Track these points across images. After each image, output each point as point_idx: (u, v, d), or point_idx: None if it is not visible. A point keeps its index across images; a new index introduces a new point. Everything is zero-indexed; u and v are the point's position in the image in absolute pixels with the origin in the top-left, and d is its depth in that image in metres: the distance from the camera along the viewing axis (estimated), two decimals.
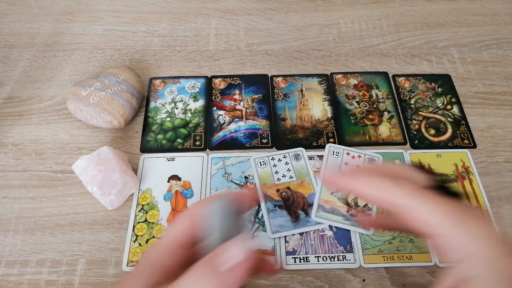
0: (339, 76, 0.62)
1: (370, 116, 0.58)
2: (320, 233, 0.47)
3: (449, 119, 0.57)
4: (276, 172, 0.51)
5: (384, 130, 0.56)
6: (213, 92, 0.60)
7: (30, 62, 0.63)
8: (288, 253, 0.46)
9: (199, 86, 0.61)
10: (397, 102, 0.59)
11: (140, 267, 0.27)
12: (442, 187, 0.28)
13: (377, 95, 0.60)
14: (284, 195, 0.49)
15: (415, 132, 0.56)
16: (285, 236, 0.47)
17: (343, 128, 0.56)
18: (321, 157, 0.53)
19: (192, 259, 0.24)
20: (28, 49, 0.65)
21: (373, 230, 0.47)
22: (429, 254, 0.46)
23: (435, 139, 0.55)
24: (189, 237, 0.27)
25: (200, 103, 0.59)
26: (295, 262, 0.45)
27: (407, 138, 0.55)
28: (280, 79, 0.61)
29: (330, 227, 0.47)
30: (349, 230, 0.47)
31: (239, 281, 0.22)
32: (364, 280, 0.44)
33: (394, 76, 0.62)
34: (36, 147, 0.54)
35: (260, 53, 0.65)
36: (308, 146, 0.54)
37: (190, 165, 0.52)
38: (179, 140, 0.55)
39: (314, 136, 0.55)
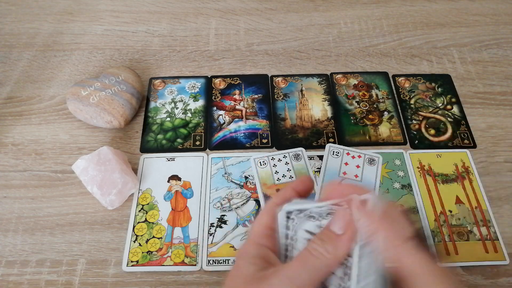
0: (339, 76, 0.62)
1: (370, 116, 0.58)
2: None
3: (449, 119, 0.57)
4: (276, 172, 0.51)
5: (384, 130, 0.56)
6: (213, 92, 0.60)
7: (30, 62, 0.63)
8: None
9: (199, 86, 0.61)
10: (397, 102, 0.59)
11: (246, 248, 0.30)
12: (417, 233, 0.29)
13: (377, 95, 0.60)
14: None
15: (415, 132, 0.56)
16: None
17: (343, 128, 0.56)
18: (321, 157, 0.53)
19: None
20: (28, 49, 0.65)
21: None
22: None
23: (435, 139, 0.55)
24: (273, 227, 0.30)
25: (200, 103, 0.59)
26: None
27: (407, 138, 0.55)
28: (280, 79, 0.61)
29: None
30: None
31: (353, 238, 0.27)
32: None
33: (394, 76, 0.62)
34: (36, 147, 0.54)
35: (260, 53, 0.65)
36: (308, 146, 0.54)
37: (190, 165, 0.52)
38: (179, 140, 0.55)
39: (314, 136, 0.55)
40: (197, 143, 0.55)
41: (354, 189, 0.29)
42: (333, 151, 0.53)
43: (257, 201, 0.49)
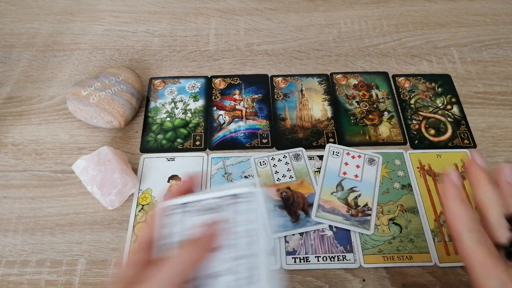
0: (339, 76, 0.62)
1: (370, 116, 0.58)
2: (320, 233, 0.47)
3: (449, 119, 0.57)
4: (276, 172, 0.51)
5: (384, 130, 0.56)
6: (213, 92, 0.60)
7: (30, 62, 0.63)
8: (288, 253, 0.46)
9: (199, 86, 0.61)
10: (397, 102, 0.59)
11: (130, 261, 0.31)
12: None
13: (377, 95, 0.60)
14: (284, 195, 0.49)
15: (415, 132, 0.56)
16: (285, 236, 0.47)
17: (343, 128, 0.56)
18: (321, 157, 0.53)
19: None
20: (28, 49, 0.65)
21: (373, 230, 0.47)
22: (429, 254, 0.46)
23: (435, 139, 0.55)
24: (152, 238, 0.32)
25: (200, 103, 0.59)
26: (295, 262, 0.45)
27: (407, 138, 0.55)
28: (280, 79, 0.61)
29: (330, 227, 0.47)
30: (349, 230, 0.47)
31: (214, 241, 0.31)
32: (364, 280, 0.44)
33: (394, 76, 0.62)
34: (36, 147, 0.54)
35: (260, 53, 0.65)
36: (308, 146, 0.54)
37: (190, 165, 0.52)
38: (179, 140, 0.55)
39: (314, 136, 0.55)
40: (197, 143, 0.55)
41: None
42: (333, 151, 0.53)
43: None
